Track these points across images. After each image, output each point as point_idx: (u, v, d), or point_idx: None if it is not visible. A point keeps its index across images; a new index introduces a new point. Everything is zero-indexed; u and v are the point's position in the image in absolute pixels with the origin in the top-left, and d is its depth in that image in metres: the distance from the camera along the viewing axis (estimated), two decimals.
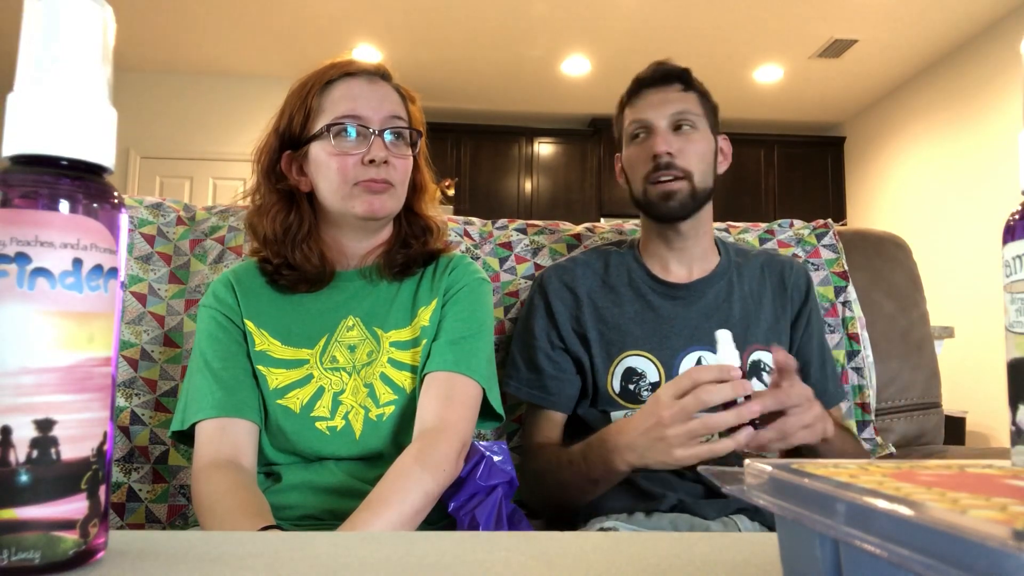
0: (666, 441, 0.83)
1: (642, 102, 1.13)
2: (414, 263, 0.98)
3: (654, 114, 1.10)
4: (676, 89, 1.12)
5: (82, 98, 0.34)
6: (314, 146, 0.92)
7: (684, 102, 1.11)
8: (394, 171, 0.91)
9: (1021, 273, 0.37)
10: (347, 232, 0.96)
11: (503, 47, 4.63)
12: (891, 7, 4.02)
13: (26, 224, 0.32)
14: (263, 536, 0.41)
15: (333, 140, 0.90)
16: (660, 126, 1.10)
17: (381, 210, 0.91)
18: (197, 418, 0.87)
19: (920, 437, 1.40)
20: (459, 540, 0.41)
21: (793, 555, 0.28)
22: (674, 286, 1.14)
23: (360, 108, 0.91)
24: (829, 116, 5.79)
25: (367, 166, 0.90)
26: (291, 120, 0.94)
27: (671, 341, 1.09)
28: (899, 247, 1.49)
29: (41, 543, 0.31)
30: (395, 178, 0.92)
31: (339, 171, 0.90)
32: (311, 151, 0.93)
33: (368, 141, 0.90)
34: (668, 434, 0.83)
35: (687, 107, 1.10)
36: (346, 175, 0.90)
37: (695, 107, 1.11)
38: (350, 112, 0.90)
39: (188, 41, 4.66)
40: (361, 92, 0.92)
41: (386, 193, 0.91)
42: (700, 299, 1.13)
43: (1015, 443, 0.37)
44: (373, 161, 0.89)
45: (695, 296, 1.13)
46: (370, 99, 0.92)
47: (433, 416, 0.86)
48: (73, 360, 0.32)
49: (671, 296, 1.13)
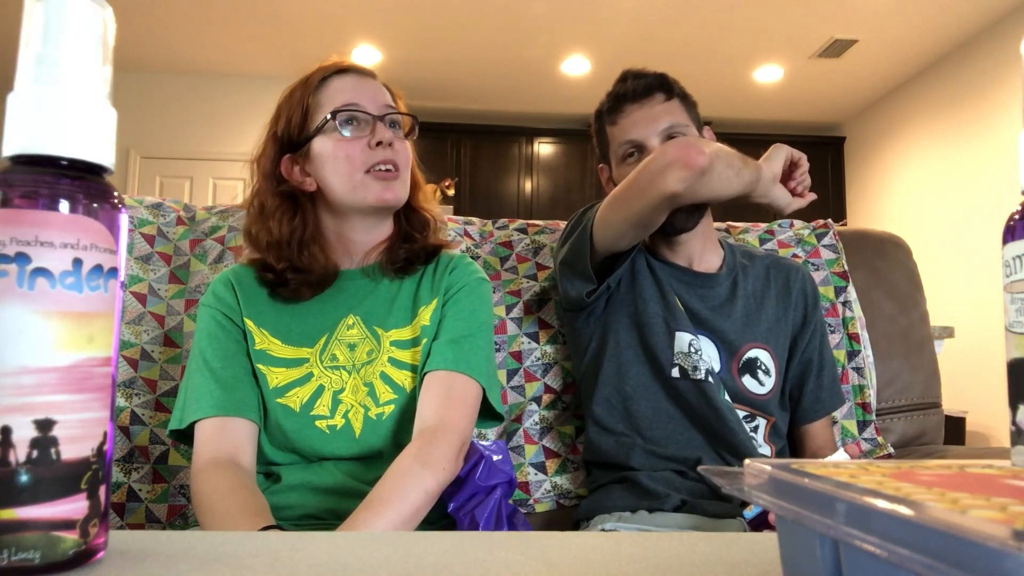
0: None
1: (627, 120, 1.11)
2: (416, 259, 0.99)
3: (644, 133, 1.09)
4: (659, 100, 1.10)
5: (82, 98, 0.34)
6: (316, 142, 0.93)
7: (671, 114, 1.10)
8: (399, 154, 0.93)
9: (1021, 273, 0.37)
10: (354, 226, 0.97)
11: (503, 47, 4.63)
12: (891, 7, 4.02)
13: (26, 224, 0.32)
14: (263, 536, 0.41)
15: (339, 127, 0.91)
16: (653, 145, 1.09)
17: (392, 197, 0.93)
18: (196, 417, 0.87)
19: (920, 437, 1.40)
20: (459, 540, 0.41)
21: (793, 555, 0.28)
22: (682, 269, 1.15)
23: (358, 97, 0.93)
24: (829, 116, 5.79)
25: (375, 150, 0.91)
26: (288, 122, 0.94)
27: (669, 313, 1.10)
28: (899, 247, 1.49)
29: (41, 543, 0.31)
30: (401, 161, 0.94)
31: (347, 159, 0.91)
32: (314, 148, 0.93)
33: (371, 127, 0.92)
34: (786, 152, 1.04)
35: (675, 119, 1.09)
36: (354, 162, 0.91)
37: (681, 115, 1.11)
38: (349, 102, 0.92)
39: (188, 41, 4.65)
40: (356, 85, 0.94)
41: (396, 180, 0.93)
42: (706, 290, 1.14)
43: (1015, 443, 0.37)
44: (380, 144, 0.91)
45: (700, 287, 1.14)
46: (365, 91, 0.94)
47: (433, 415, 0.86)
48: (73, 360, 0.32)
49: (677, 278, 1.14)
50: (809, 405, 1.16)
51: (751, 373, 1.09)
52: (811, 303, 1.18)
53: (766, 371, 1.11)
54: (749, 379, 1.09)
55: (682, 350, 1.07)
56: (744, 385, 1.09)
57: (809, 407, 1.16)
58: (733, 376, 1.09)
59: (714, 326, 1.10)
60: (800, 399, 1.16)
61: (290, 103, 0.95)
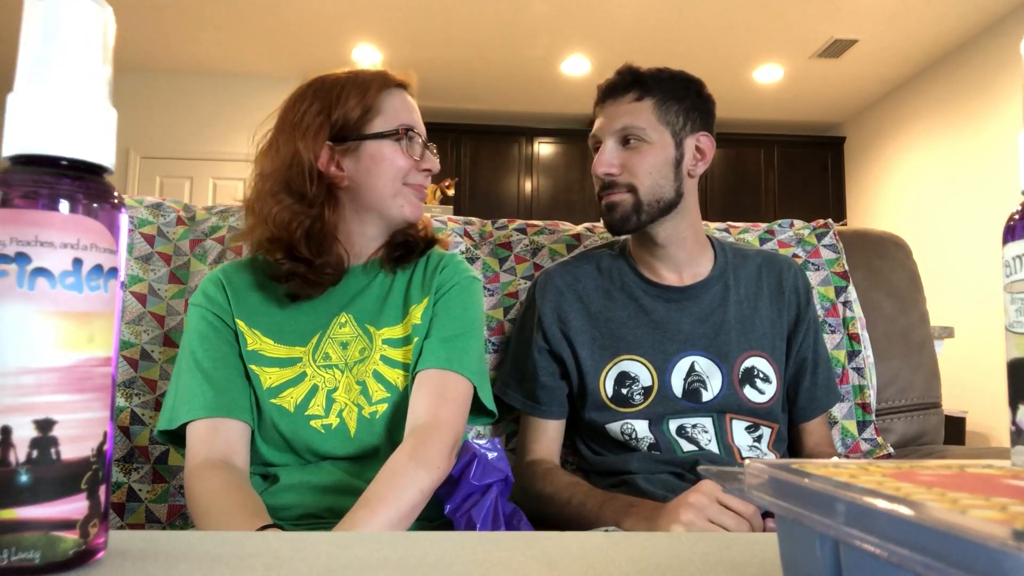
0: (686, 502, 0.86)
1: (599, 113, 1.12)
2: (415, 249, 1.01)
3: (602, 131, 1.10)
4: (629, 99, 1.09)
5: (82, 98, 0.34)
6: (372, 143, 0.94)
7: (633, 115, 1.07)
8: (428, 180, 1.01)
9: (1021, 273, 0.37)
10: (372, 227, 0.98)
11: (503, 47, 4.63)
12: (891, 7, 4.02)
13: (26, 224, 0.32)
14: (263, 536, 0.41)
15: (404, 140, 0.95)
16: (607, 143, 1.09)
17: (420, 215, 1.00)
18: (188, 418, 0.87)
19: (920, 437, 1.40)
20: (459, 540, 0.41)
21: (793, 555, 0.28)
22: (667, 288, 1.13)
23: (416, 121, 0.98)
24: (829, 116, 5.79)
25: (420, 172, 0.97)
26: (346, 112, 0.93)
27: (665, 346, 1.09)
28: (899, 247, 1.49)
29: (41, 543, 0.31)
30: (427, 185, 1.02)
31: (400, 169, 0.95)
32: (366, 146, 0.94)
33: (421, 151, 0.98)
34: (691, 500, 0.85)
35: (634, 121, 1.07)
36: (404, 175, 0.96)
37: (646, 118, 1.07)
38: (410, 123, 0.97)
39: (188, 41, 4.65)
40: (412, 107, 0.99)
41: (423, 200, 1.00)
42: (694, 304, 1.12)
43: (1015, 443, 0.37)
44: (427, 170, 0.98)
45: (689, 300, 1.12)
46: (416, 114, 0.99)
47: (426, 413, 0.87)
48: (73, 360, 0.32)
49: (664, 298, 1.13)
50: (805, 404, 1.16)
51: (750, 383, 1.09)
52: (803, 300, 1.16)
53: (765, 378, 1.10)
54: (749, 389, 1.09)
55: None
56: (745, 396, 1.08)
57: (805, 406, 1.16)
58: (735, 388, 1.08)
59: (708, 342, 1.10)
60: (796, 398, 1.16)
61: (347, 96, 0.94)
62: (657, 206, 1.08)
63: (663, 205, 1.08)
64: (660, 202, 1.08)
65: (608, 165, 1.08)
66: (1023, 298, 0.37)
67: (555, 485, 1.04)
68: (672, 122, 1.09)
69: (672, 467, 1.04)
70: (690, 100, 1.11)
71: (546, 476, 1.06)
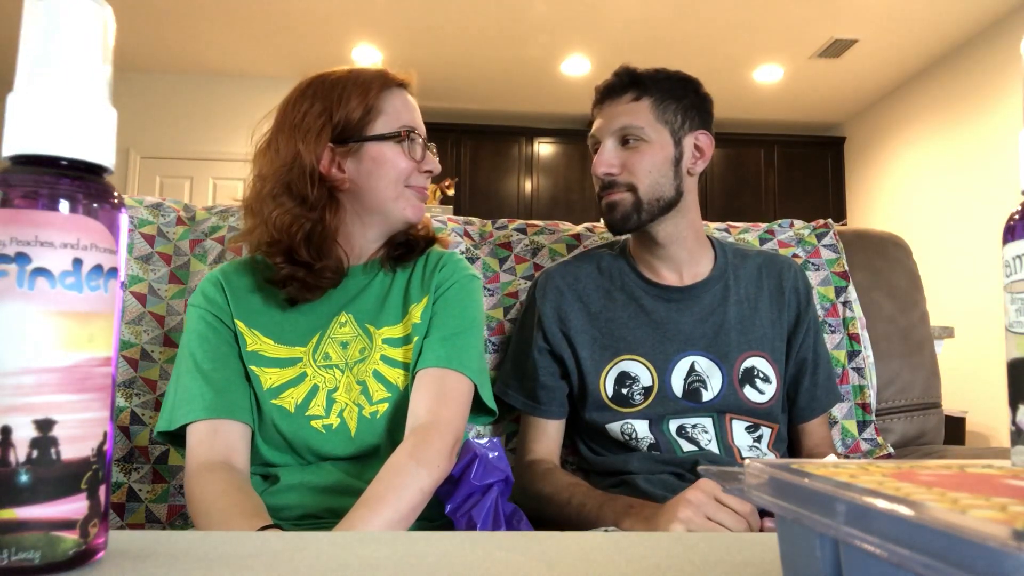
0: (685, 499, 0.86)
1: (598, 114, 1.12)
2: (415, 247, 1.01)
3: (601, 131, 1.10)
4: (627, 100, 1.09)
5: (82, 98, 0.34)
6: (374, 145, 0.93)
7: (631, 115, 1.08)
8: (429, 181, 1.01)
9: (1021, 273, 0.37)
10: (373, 229, 0.98)
11: (503, 47, 4.63)
12: (891, 7, 4.02)
13: (26, 224, 0.32)
14: (263, 536, 0.41)
15: (406, 142, 0.95)
16: (606, 144, 1.09)
17: (421, 216, 0.99)
18: (188, 420, 0.86)
19: (920, 437, 1.40)
20: (459, 540, 0.41)
21: (793, 555, 0.28)
22: (667, 288, 1.13)
23: (417, 121, 0.98)
24: (829, 116, 5.79)
25: (422, 174, 0.97)
26: (348, 113, 0.92)
27: (665, 346, 1.09)
28: (899, 247, 1.49)
29: (41, 543, 0.31)
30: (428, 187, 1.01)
31: (402, 172, 0.95)
32: (368, 148, 0.93)
33: (422, 152, 0.97)
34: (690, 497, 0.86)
35: (633, 120, 1.07)
36: (405, 178, 0.95)
37: (645, 117, 1.08)
38: (412, 124, 0.96)
39: (188, 41, 4.66)
40: (413, 107, 0.99)
41: (424, 201, 0.99)
42: (694, 303, 1.12)
43: (1015, 443, 0.37)
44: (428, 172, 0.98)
45: (689, 300, 1.13)
46: (417, 114, 0.99)
47: (426, 412, 0.86)
48: (73, 360, 0.32)
49: (664, 298, 1.13)
50: (805, 404, 1.16)
51: (750, 383, 1.09)
52: (803, 300, 1.16)
53: (765, 378, 1.10)
54: (749, 389, 1.09)
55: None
56: (745, 396, 1.08)
57: (805, 406, 1.16)
58: (735, 388, 1.08)
59: (708, 342, 1.10)
60: (796, 398, 1.16)
61: (348, 96, 0.92)
62: (657, 205, 1.08)
63: (663, 204, 1.08)
64: (660, 201, 1.08)
65: (608, 165, 1.08)
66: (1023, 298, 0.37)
67: (555, 485, 1.04)
68: (670, 121, 1.09)
69: (672, 467, 1.04)
70: (688, 99, 1.11)
71: (546, 476, 1.06)
